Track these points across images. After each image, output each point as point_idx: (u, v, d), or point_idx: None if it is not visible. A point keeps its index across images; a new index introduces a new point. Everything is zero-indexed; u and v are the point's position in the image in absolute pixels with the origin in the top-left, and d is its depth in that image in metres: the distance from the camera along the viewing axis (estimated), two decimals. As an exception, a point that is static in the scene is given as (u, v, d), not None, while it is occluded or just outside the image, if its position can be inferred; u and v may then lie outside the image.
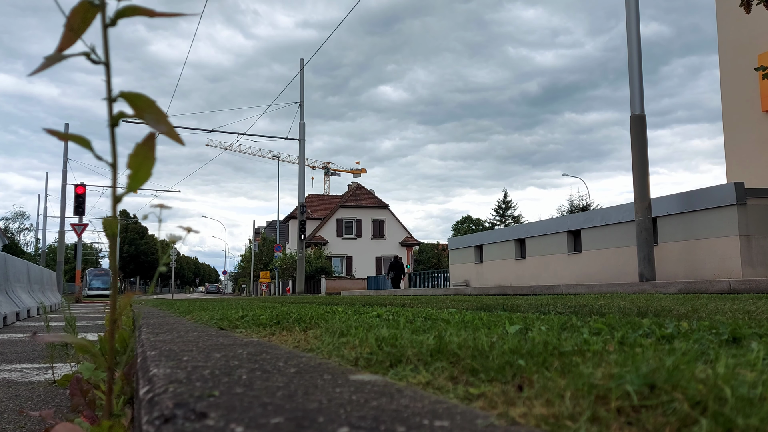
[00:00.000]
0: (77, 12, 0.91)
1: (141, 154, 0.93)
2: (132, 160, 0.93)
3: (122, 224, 62.94)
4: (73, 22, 0.91)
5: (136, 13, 0.92)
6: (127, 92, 0.92)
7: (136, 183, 0.94)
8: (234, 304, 6.78)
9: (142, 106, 0.92)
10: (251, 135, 29.28)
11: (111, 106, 0.93)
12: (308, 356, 1.55)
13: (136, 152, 0.93)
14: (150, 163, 0.93)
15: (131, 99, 0.92)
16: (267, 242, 60.66)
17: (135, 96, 0.92)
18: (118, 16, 0.92)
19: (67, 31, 0.91)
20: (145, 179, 0.94)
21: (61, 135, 0.93)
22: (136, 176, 0.93)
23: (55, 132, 0.93)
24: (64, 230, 29.26)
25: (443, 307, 4.99)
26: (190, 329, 2.70)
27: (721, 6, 19.09)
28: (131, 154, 0.93)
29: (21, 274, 11.76)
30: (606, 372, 0.99)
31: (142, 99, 0.92)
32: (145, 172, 0.93)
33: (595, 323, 2.08)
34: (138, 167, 0.93)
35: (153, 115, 0.93)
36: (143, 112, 0.92)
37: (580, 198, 51.00)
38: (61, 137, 0.93)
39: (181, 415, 0.85)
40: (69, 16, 0.91)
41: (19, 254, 59.74)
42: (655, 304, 4.53)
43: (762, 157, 17.54)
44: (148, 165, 0.93)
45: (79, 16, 0.91)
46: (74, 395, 1.82)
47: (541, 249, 18.59)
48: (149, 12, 0.92)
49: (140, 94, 0.92)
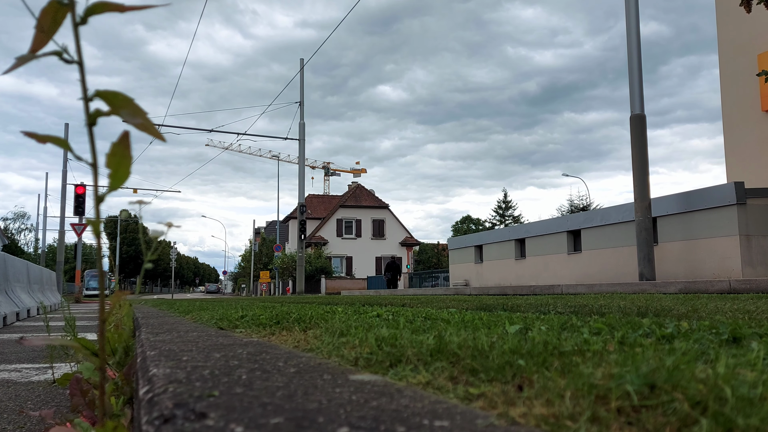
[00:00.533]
0: (47, 12, 0.90)
1: (118, 153, 0.93)
2: (110, 160, 0.92)
3: (122, 224, 62.92)
4: (44, 22, 0.90)
5: (106, 9, 0.91)
6: (103, 90, 0.91)
7: (117, 182, 0.94)
8: (234, 304, 6.78)
9: (119, 103, 0.92)
10: (251, 135, 29.31)
11: (87, 106, 0.92)
12: (308, 356, 1.55)
13: (113, 151, 0.93)
14: (127, 162, 0.93)
15: (108, 97, 0.91)
16: (267, 242, 60.66)
17: (111, 94, 0.92)
18: (88, 13, 0.91)
19: (38, 32, 0.90)
20: (125, 178, 0.93)
21: (39, 137, 0.92)
22: (116, 175, 0.93)
23: (32, 134, 0.92)
24: (64, 230, 29.27)
25: (443, 306, 4.99)
26: (189, 329, 2.70)
27: (720, 6, 19.09)
28: (108, 154, 0.92)
29: (21, 274, 11.76)
30: (606, 372, 0.99)
31: (119, 97, 0.92)
32: (124, 171, 0.93)
33: (595, 323, 2.08)
34: (117, 166, 0.93)
35: (129, 111, 0.92)
36: (119, 109, 0.91)
37: (580, 198, 51.03)
38: (39, 139, 0.92)
39: (181, 415, 0.85)
40: (39, 17, 0.90)
41: (18, 254, 59.75)
42: (655, 304, 4.53)
43: (762, 157, 17.54)
44: (125, 164, 0.93)
45: (49, 16, 0.90)
46: (74, 395, 1.82)
47: (541, 249, 18.59)
48: (119, 7, 0.91)
49: (117, 92, 0.92)
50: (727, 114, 18.99)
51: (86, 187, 26.53)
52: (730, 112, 18.83)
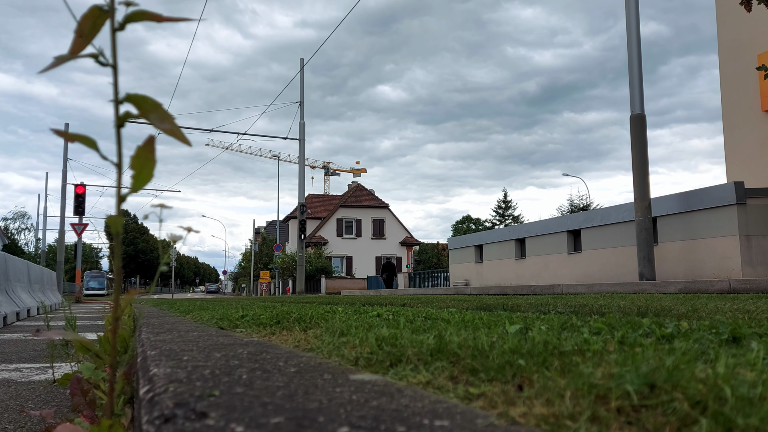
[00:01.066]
0: (88, 18, 0.93)
1: (142, 156, 0.94)
2: (134, 162, 0.94)
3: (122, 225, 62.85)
4: (84, 27, 0.92)
5: (144, 18, 0.93)
6: (134, 94, 0.94)
7: (139, 183, 0.95)
8: (234, 304, 6.78)
9: (148, 108, 0.94)
10: (251, 135, 29.31)
11: (117, 108, 0.94)
12: (308, 356, 1.55)
13: (137, 154, 0.94)
14: (151, 165, 0.95)
15: (137, 101, 0.94)
16: (267, 242, 60.65)
17: (141, 98, 0.94)
18: (126, 20, 0.93)
19: (77, 37, 0.92)
20: (147, 180, 0.95)
21: (68, 135, 0.94)
22: (139, 177, 0.95)
23: (61, 132, 0.94)
24: (64, 230, 29.26)
25: (443, 306, 5.00)
26: (190, 329, 2.70)
27: (721, 6, 19.09)
28: (133, 156, 0.94)
29: (21, 274, 11.76)
30: (606, 372, 0.99)
31: (148, 101, 0.94)
32: (147, 173, 0.95)
33: (595, 323, 2.08)
34: (140, 168, 0.94)
35: (158, 115, 0.94)
36: (148, 113, 0.94)
37: (580, 198, 51.02)
38: (68, 138, 0.94)
39: (182, 415, 0.85)
40: (80, 21, 0.92)
41: (19, 254, 59.73)
42: (655, 304, 4.53)
43: (762, 157, 17.53)
44: (149, 166, 0.95)
45: (89, 21, 0.93)
46: (74, 395, 1.82)
47: (541, 249, 18.59)
48: (157, 17, 0.94)
49: (146, 97, 0.94)
50: (727, 114, 18.99)
51: (86, 187, 26.52)
52: (730, 112, 18.83)
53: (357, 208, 52.83)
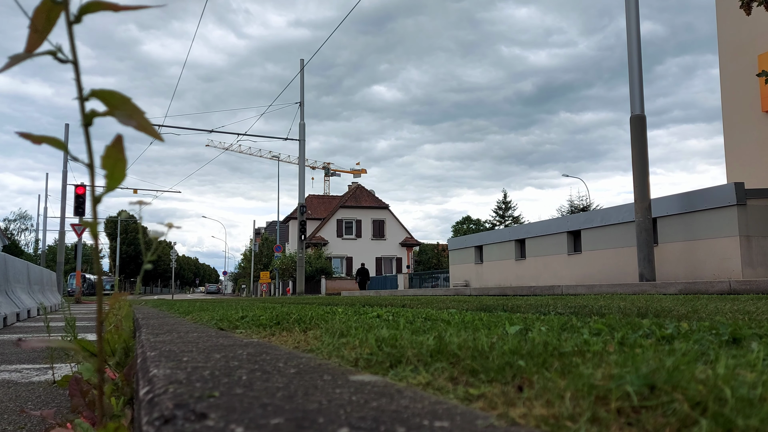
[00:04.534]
0: (40, 11, 0.89)
1: (112, 156, 0.92)
2: (105, 162, 0.92)
3: (122, 225, 62.94)
4: (38, 22, 0.89)
5: (99, 8, 0.90)
6: (99, 90, 0.90)
7: (113, 183, 0.94)
8: (234, 305, 6.78)
9: (116, 103, 0.91)
10: (251, 135, 29.31)
11: (83, 105, 0.91)
12: (308, 357, 1.55)
13: (107, 154, 0.92)
14: (122, 164, 0.93)
15: (104, 97, 0.90)
16: (267, 243, 60.65)
17: (108, 93, 0.91)
18: (82, 12, 0.90)
19: (32, 33, 0.89)
20: (120, 179, 0.93)
21: (34, 138, 0.92)
22: (112, 176, 0.93)
23: (27, 135, 0.91)
24: (64, 231, 29.27)
25: (443, 307, 5.00)
26: (190, 330, 2.70)
27: (720, 6, 19.10)
28: (102, 156, 0.92)
29: (21, 275, 11.76)
30: (606, 372, 0.99)
31: (116, 96, 0.91)
32: (119, 173, 0.93)
33: (595, 324, 2.08)
34: (112, 168, 0.93)
35: (126, 111, 0.91)
36: (116, 109, 0.91)
37: (580, 198, 51.04)
38: (35, 140, 0.92)
39: (181, 416, 0.85)
40: (32, 16, 0.89)
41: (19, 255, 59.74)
42: (655, 305, 4.53)
43: (762, 157, 17.54)
44: (121, 166, 0.93)
45: (42, 15, 0.89)
46: (74, 396, 1.82)
47: (541, 249, 18.59)
48: (113, 6, 0.90)
49: (113, 92, 0.91)
50: (728, 114, 18.99)
51: (86, 188, 26.54)
52: (731, 112, 18.83)
53: (357, 208, 52.82)
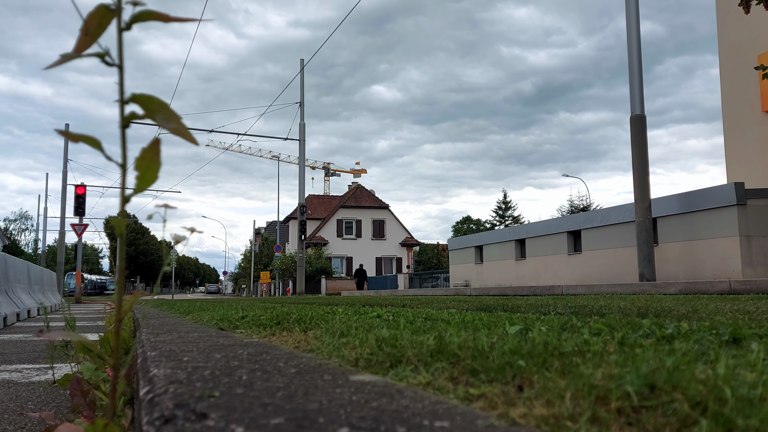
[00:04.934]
0: (94, 16, 0.92)
1: (147, 158, 0.94)
2: (139, 163, 0.94)
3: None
4: (90, 26, 0.91)
5: (151, 18, 0.93)
6: (140, 94, 0.93)
7: (144, 184, 0.95)
8: (234, 305, 6.78)
9: (154, 108, 0.93)
10: (251, 135, 29.30)
11: (123, 108, 0.93)
12: (308, 357, 1.55)
13: (142, 156, 0.94)
14: (156, 167, 0.95)
15: (143, 101, 0.93)
16: (267, 243, 60.65)
17: (147, 98, 0.93)
18: (133, 20, 0.92)
19: (82, 35, 0.92)
20: (152, 181, 0.95)
21: (73, 136, 0.93)
22: (144, 178, 0.94)
23: (66, 132, 0.94)
24: (64, 231, 29.25)
25: (443, 307, 4.99)
26: (190, 330, 2.70)
27: (720, 6, 19.10)
28: (138, 158, 0.94)
29: (21, 275, 11.76)
30: (606, 372, 0.99)
31: (155, 101, 0.93)
32: (152, 175, 0.95)
33: (596, 324, 2.08)
34: (145, 170, 0.94)
35: (164, 115, 0.93)
36: (155, 113, 0.93)
37: (580, 198, 51.03)
38: (73, 138, 0.93)
39: (182, 416, 0.85)
40: (86, 19, 0.91)
41: (19, 255, 59.73)
42: (656, 305, 4.53)
43: (762, 157, 17.54)
44: (154, 168, 0.94)
45: (95, 20, 0.92)
46: (74, 396, 1.82)
47: (542, 249, 18.58)
48: (164, 17, 0.93)
49: (153, 97, 0.93)
50: (728, 114, 18.99)
51: (86, 188, 26.53)
52: (731, 112, 18.83)
53: (357, 208, 52.81)
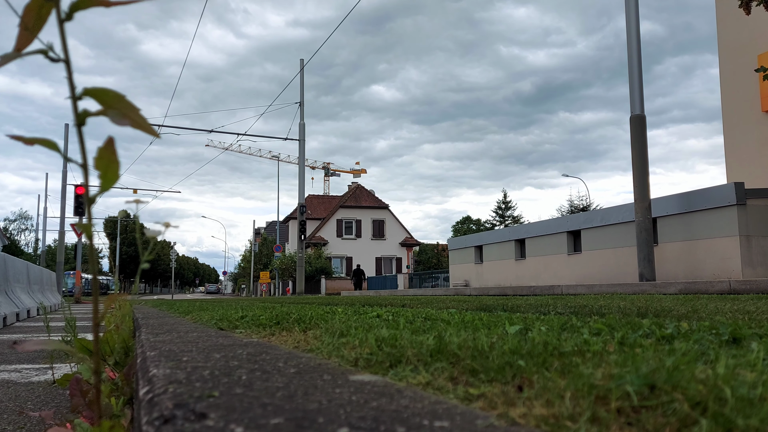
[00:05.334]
0: (30, 9, 0.88)
1: (105, 157, 0.92)
2: (98, 163, 0.92)
3: (122, 225, 62.95)
4: (28, 20, 0.88)
5: (91, 4, 0.89)
6: (92, 88, 0.89)
7: (107, 184, 0.93)
8: (234, 305, 6.79)
9: (110, 101, 0.89)
10: (251, 135, 29.30)
11: (76, 105, 0.90)
12: (308, 357, 1.55)
13: (99, 155, 0.92)
14: (115, 166, 0.92)
15: (98, 95, 0.89)
16: (267, 243, 60.64)
17: (101, 92, 0.89)
18: (73, 9, 0.88)
19: (22, 30, 0.88)
20: (113, 180, 0.93)
21: (26, 139, 0.91)
22: (106, 177, 0.93)
23: (19, 137, 0.91)
24: (64, 231, 29.25)
25: (443, 307, 4.99)
26: (189, 330, 2.70)
27: (720, 6, 19.10)
28: (95, 158, 0.92)
29: (21, 275, 11.75)
30: (606, 372, 0.99)
31: (110, 94, 0.89)
32: (112, 174, 0.92)
33: (595, 324, 2.08)
34: (105, 169, 0.92)
35: (121, 110, 0.90)
36: (110, 107, 0.89)
37: (579, 198, 51.04)
38: (27, 141, 0.91)
39: (181, 416, 0.85)
40: (23, 14, 0.88)
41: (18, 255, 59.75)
42: (655, 305, 4.53)
43: (762, 157, 17.54)
44: (114, 168, 0.92)
45: (33, 13, 0.88)
46: (74, 396, 1.82)
47: (541, 249, 18.59)
48: (104, 2, 0.89)
49: (107, 89, 0.89)
50: (727, 114, 18.99)
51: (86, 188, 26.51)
52: (730, 112, 18.83)
53: (357, 208, 52.81)
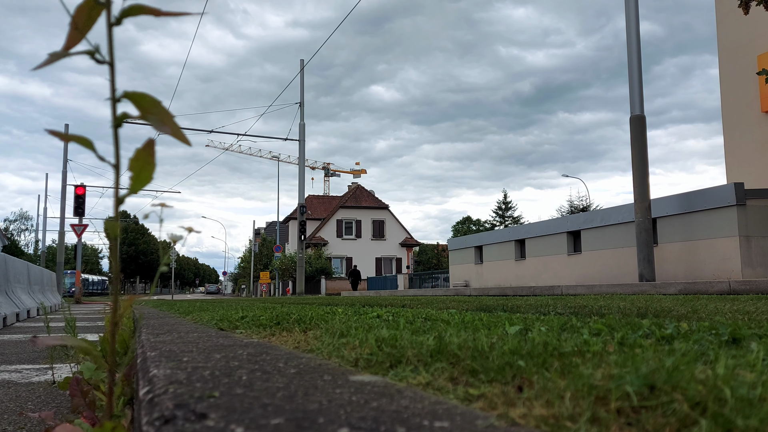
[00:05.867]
0: (82, 10, 0.90)
1: (141, 159, 0.92)
2: (133, 164, 0.92)
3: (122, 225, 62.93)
4: (78, 20, 0.89)
5: (142, 12, 0.90)
6: (132, 92, 0.91)
7: (138, 185, 0.94)
8: (234, 305, 6.78)
9: (147, 106, 0.91)
10: (251, 135, 29.30)
11: (115, 107, 0.91)
12: (308, 357, 1.55)
13: (137, 156, 0.92)
14: (151, 168, 0.93)
15: (136, 99, 0.91)
16: (267, 243, 60.63)
17: (140, 96, 0.91)
18: (123, 14, 0.90)
19: (72, 30, 0.89)
20: (146, 182, 0.94)
21: (64, 136, 0.93)
22: (138, 179, 0.93)
23: (57, 133, 0.93)
24: (64, 231, 29.24)
25: (443, 307, 4.99)
26: (190, 330, 2.70)
27: (720, 6, 19.10)
28: (132, 158, 0.92)
29: (21, 275, 11.75)
30: (606, 373, 0.99)
31: (148, 99, 0.91)
32: (146, 176, 0.93)
33: (595, 324, 2.09)
34: (139, 171, 0.93)
35: (158, 116, 0.91)
36: (148, 112, 0.91)
37: (579, 198, 51.03)
38: (64, 138, 0.92)
39: (181, 416, 0.85)
40: (74, 14, 0.89)
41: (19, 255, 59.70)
42: (655, 305, 4.53)
43: (762, 157, 17.54)
44: (149, 169, 0.93)
45: (84, 14, 0.90)
46: (74, 396, 1.82)
47: (541, 250, 18.59)
48: (155, 11, 0.90)
49: (145, 94, 0.91)
50: (727, 115, 19.00)
51: (86, 188, 26.52)
52: (730, 113, 18.84)
53: (357, 209, 52.80)
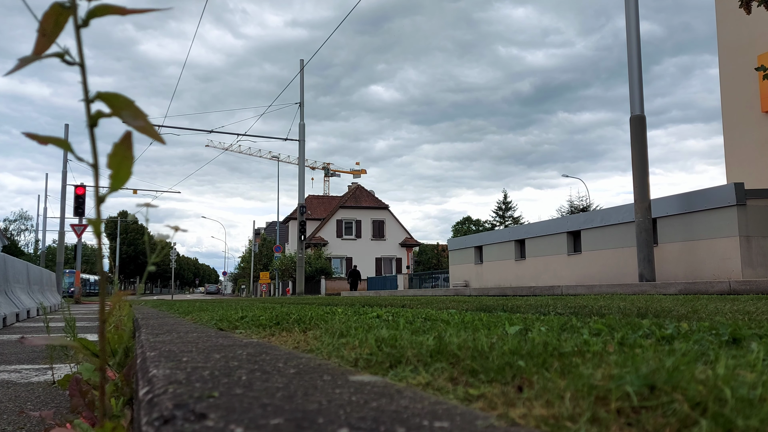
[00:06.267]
0: (49, 15, 0.91)
1: (119, 154, 0.93)
2: (111, 160, 0.93)
3: (122, 225, 62.96)
4: (46, 26, 0.91)
5: (107, 12, 0.92)
6: (105, 92, 0.92)
7: (118, 182, 0.94)
8: (233, 305, 6.78)
9: (120, 105, 0.92)
10: (250, 135, 29.31)
11: (89, 107, 0.92)
12: (308, 357, 1.55)
13: (114, 152, 0.93)
14: (129, 162, 0.93)
15: (109, 99, 0.92)
16: (267, 243, 60.63)
17: (113, 96, 0.92)
18: (89, 16, 0.92)
19: (40, 36, 0.91)
20: (126, 179, 0.94)
21: (40, 138, 0.93)
22: (117, 176, 0.93)
23: (33, 135, 0.93)
24: (64, 231, 29.24)
25: (443, 307, 4.99)
26: (189, 330, 2.70)
27: (720, 6, 19.11)
28: (110, 154, 0.93)
29: (21, 275, 11.75)
30: (606, 373, 0.99)
31: (120, 99, 0.92)
32: (125, 172, 0.93)
33: (595, 324, 2.08)
34: (118, 167, 0.93)
35: (130, 113, 0.92)
36: (120, 111, 0.92)
37: (579, 198, 51.03)
38: (41, 140, 0.93)
39: (181, 416, 0.85)
40: (41, 20, 0.91)
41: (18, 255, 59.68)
42: (655, 305, 4.53)
43: (762, 157, 17.54)
44: (127, 165, 0.93)
45: (51, 19, 0.91)
46: (74, 396, 1.82)
47: (541, 250, 18.59)
48: (120, 10, 0.92)
49: (118, 94, 0.92)
50: (727, 115, 19.00)
51: (86, 188, 26.52)
52: (730, 112, 18.84)
53: (357, 209, 52.80)
